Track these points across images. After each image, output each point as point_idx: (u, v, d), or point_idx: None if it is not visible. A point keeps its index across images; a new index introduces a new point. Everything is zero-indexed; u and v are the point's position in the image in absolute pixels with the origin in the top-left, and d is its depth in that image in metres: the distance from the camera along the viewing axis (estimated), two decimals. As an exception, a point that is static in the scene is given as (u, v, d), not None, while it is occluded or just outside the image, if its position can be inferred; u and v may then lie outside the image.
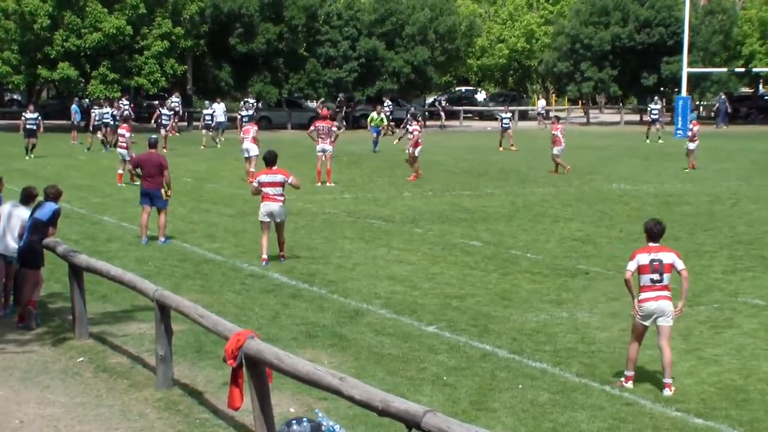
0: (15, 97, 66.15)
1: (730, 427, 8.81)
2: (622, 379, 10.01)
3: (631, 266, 9.91)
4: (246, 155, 27.58)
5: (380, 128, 40.35)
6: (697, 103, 61.72)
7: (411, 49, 58.31)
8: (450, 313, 12.81)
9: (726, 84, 62.92)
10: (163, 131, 38.61)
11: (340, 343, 11.33)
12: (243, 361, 7.83)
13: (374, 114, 40.19)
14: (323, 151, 27.30)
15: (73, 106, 43.77)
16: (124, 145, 26.97)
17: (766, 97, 71.08)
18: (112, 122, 39.25)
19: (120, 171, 26.77)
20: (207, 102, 48.23)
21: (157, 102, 54.34)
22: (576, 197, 25.14)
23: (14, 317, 12.31)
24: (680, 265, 10.01)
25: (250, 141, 27.48)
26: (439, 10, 60.46)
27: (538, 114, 63.23)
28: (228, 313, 11.91)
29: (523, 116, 66.81)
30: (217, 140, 43.22)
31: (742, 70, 62.77)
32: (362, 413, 8.06)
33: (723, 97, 61.45)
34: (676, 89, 59.76)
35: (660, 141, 45.20)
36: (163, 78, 50.39)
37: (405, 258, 16.53)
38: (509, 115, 43.99)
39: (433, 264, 16.07)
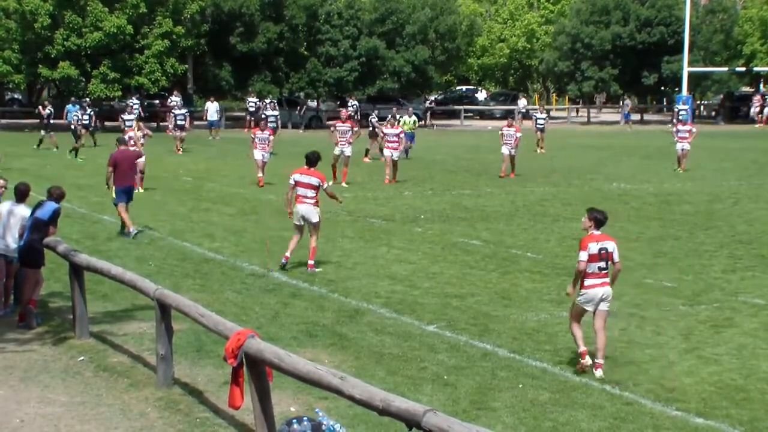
0: (16, 96, 66.18)
1: (730, 426, 8.81)
2: (580, 356, 10.38)
3: (584, 256, 10.33)
4: (265, 160, 26.58)
5: (413, 133, 36.82)
6: (698, 102, 61.72)
7: (411, 49, 58.32)
8: (450, 312, 12.81)
9: (727, 83, 62.94)
10: (179, 132, 37.75)
11: (340, 342, 11.33)
12: (243, 360, 7.84)
13: (405, 117, 36.89)
14: (342, 152, 27.17)
15: (68, 106, 43.63)
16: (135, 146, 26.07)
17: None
18: (89, 123, 38.76)
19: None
20: (177, 100, 47.03)
21: (158, 101, 54.47)
22: (576, 196, 25.14)
23: (15, 316, 12.32)
24: (617, 256, 10.46)
25: (269, 147, 26.82)
26: (440, 10, 60.49)
27: (518, 113, 62.34)
28: (228, 313, 11.90)
29: (524, 115, 66.67)
30: (212, 137, 43.28)
31: (743, 69, 62.77)
32: (363, 412, 8.06)
33: (688, 96, 61.75)
34: (677, 88, 59.78)
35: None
36: (164, 77, 50.39)
37: (405, 257, 16.53)
38: (544, 115, 42.05)
39: (433, 263, 16.07)
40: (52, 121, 38.96)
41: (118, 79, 49.38)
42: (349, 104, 51.16)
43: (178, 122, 38.38)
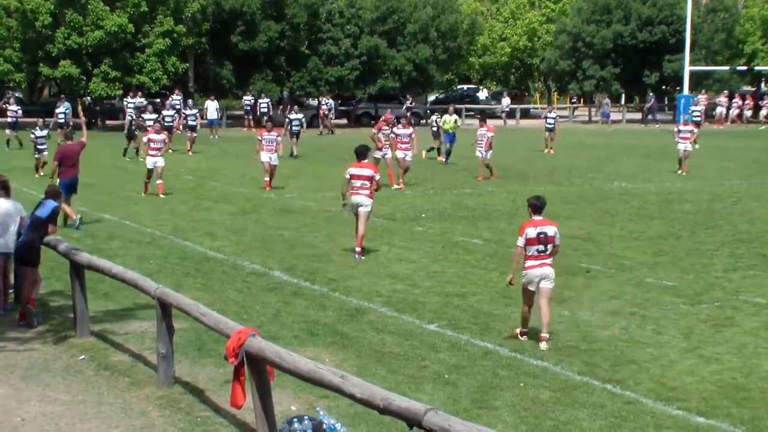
0: (17, 95, 66.17)
1: (731, 425, 8.80)
2: (518, 332, 11.41)
3: (521, 242, 11.21)
4: (273, 162, 25.56)
5: (454, 134, 34.01)
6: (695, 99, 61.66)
7: (413, 47, 58.30)
8: (451, 311, 12.81)
9: (728, 82, 62.91)
10: (190, 133, 37.03)
11: (341, 341, 11.33)
12: (244, 359, 7.83)
13: (447, 116, 33.90)
14: (383, 156, 26.55)
15: (65, 104, 43.61)
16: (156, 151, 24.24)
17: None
18: (63, 122, 38.64)
19: (159, 181, 24.04)
20: (178, 99, 46.05)
21: (158, 100, 54.32)
22: (577, 195, 25.13)
23: (15, 315, 12.32)
24: (558, 240, 11.32)
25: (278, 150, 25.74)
26: (441, 8, 60.47)
27: (502, 112, 61.99)
28: (229, 311, 11.90)
29: (525, 114, 66.70)
30: (213, 136, 43.25)
31: (744, 68, 62.74)
32: (363, 411, 8.06)
33: (652, 96, 61.79)
34: (678, 88, 59.76)
35: (696, 146, 40.12)
36: (165, 76, 50.41)
37: (406, 256, 16.52)
38: (554, 115, 40.36)
39: (434, 262, 16.07)
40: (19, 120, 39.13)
41: (119, 77, 49.39)
42: (323, 103, 51.03)
43: (190, 122, 37.53)
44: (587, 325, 12.14)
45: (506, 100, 62.81)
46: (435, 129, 36.35)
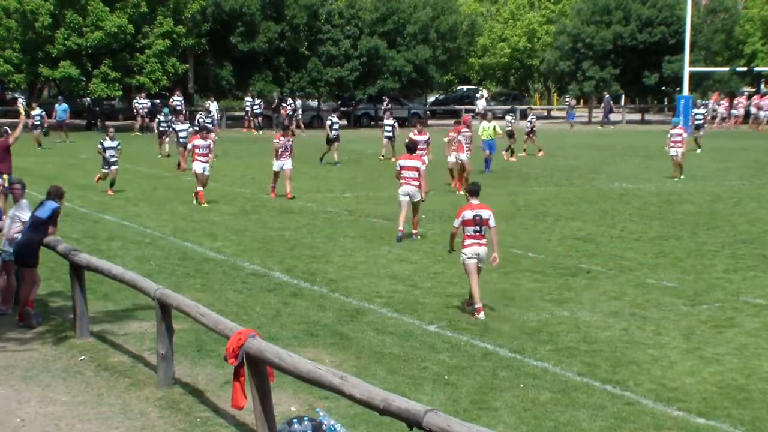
0: (17, 95, 66.18)
1: (731, 426, 8.79)
2: (475, 311, 12.35)
3: (457, 223, 12.58)
4: (288, 167, 24.22)
5: (494, 141, 31.00)
6: (700, 100, 61.67)
7: (412, 48, 58.29)
8: (451, 312, 12.80)
9: (728, 83, 62.93)
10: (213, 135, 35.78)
11: (341, 341, 11.32)
12: (244, 360, 7.83)
13: (485, 123, 31.03)
14: (457, 159, 25.79)
15: (57, 105, 43.73)
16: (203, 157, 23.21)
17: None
18: (39, 122, 38.76)
19: (200, 188, 22.90)
20: (179, 100, 45.69)
21: (158, 101, 54.27)
22: (577, 196, 25.13)
23: (16, 316, 12.32)
24: (493, 222, 12.56)
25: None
26: (441, 9, 60.47)
27: (478, 114, 61.55)
28: (229, 312, 11.90)
29: (524, 116, 66.63)
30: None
31: (744, 69, 62.75)
32: (363, 412, 8.05)
33: (608, 96, 61.71)
34: (678, 88, 59.78)
35: (698, 151, 38.86)
36: (165, 77, 50.40)
37: (406, 257, 16.51)
38: (512, 117, 40.03)
39: (435, 263, 16.06)
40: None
41: (119, 78, 49.39)
42: (288, 103, 50.61)
43: (206, 125, 35.84)
44: (587, 326, 12.13)
45: (482, 102, 62.56)
46: (509, 129, 36.75)
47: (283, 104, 50.93)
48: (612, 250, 17.37)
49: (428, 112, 64.93)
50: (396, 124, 36.10)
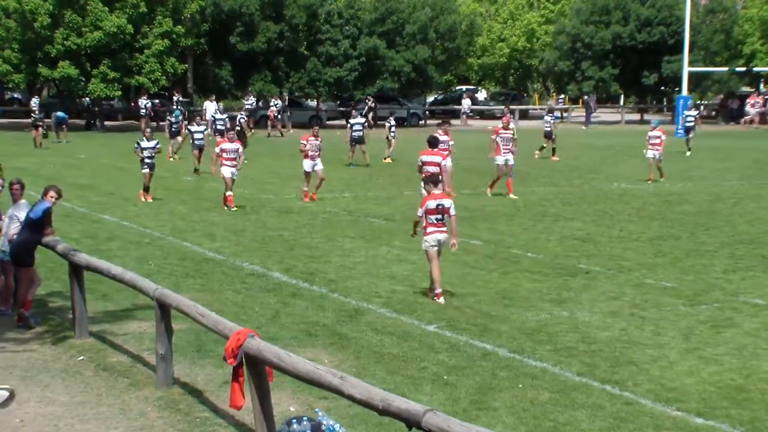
0: (16, 95, 66.19)
1: (730, 426, 8.79)
2: (435, 296, 13.17)
3: (420, 212, 13.48)
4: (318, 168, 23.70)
5: None
6: (698, 102, 61.69)
7: (411, 48, 58.30)
8: (450, 312, 12.80)
9: (727, 83, 62.94)
10: (219, 138, 33.60)
11: (340, 342, 11.32)
12: (243, 360, 7.83)
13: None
14: (506, 162, 24.83)
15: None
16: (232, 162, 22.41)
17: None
18: (38, 117, 38.69)
19: (229, 193, 22.22)
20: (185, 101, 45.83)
21: (158, 101, 54.27)
22: (577, 196, 25.14)
23: (14, 316, 12.32)
24: (453, 211, 13.41)
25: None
26: (440, 9, 60.48)
27: (463, 113, 60.78)
28: (228, 312, 11.89)
29: (524, 115, 66.67)
30: (212, 137, 43.02)
31: (743, 69, 62.76)
32: (362, 412, 8.05)
33: (588, 97, 61.55)
34: (677, 88, 59.81)
35: (687, 153, 38.18)
36: (164, 77, 50.36)
37: (405, 257, 16.51)
38: (552, 118, 38.27)
39: (434, 263, 16.04)
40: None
41: (118, 78, 49.36)
42: (271, 104, 50.04)
43: (218, 127, 35.78)
44: (586, 326, 12.13)
45: (467, 102, 62.41)
46: (548, 129, 36.52)
47: (270, 105, 50.03)
48: (611, 250, 17.37)
49: (427, 112, 64.93)
50: (228, 118, 36.08)
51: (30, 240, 12.08)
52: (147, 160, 23.17)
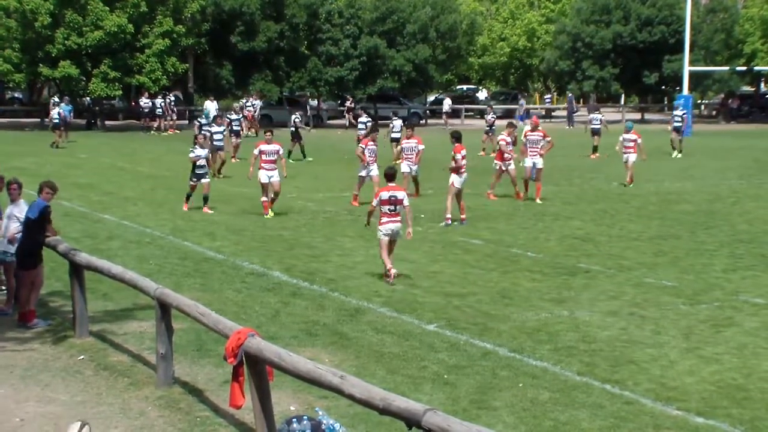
0: (16, 95, 66.22)
1: (730, 425, 8.79)
2: (388, 278, 14.12)
3: (375, 202, 14.35)
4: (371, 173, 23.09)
5: None
6: (699, 101, 61.71)
7: (412, 48, 58.33)
8: (450, 311, 12.80)
9: (728, 83, 62.96)
10: (234, 139, 34.07)
11: (340, 341, 11.33)
12: (243, 359, 7.83)
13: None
14: (534, 165, 24.21)
15: (63, 105, 43.59)
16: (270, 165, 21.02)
17: (767, 96, 71.08)
18: (59, 122, 38.90)
19: (264, 199, 21.10)
20: (210, 105, 44.56)
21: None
22: (576, 195, 25.14)
23: (15, 316, 12.33)
24: (407, 202, 14.37)
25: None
26: (440, 9, 60.51)
27: (444, 113, 60.39)
28: (228, 312, 11.90)
29: (449, 115, 66.37)
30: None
31: (744, 68, 62.78)
32: (363, 412, 8.06)
33: (571, 96, 61.49)
34: (678, 88, 59.84)
35: (679, 155, 38.00)
36: (165, 76, 50.40)
37: (405, 256, 16.50)
38: (600, 116, 38.38)
39: (434, 262, 16.06)
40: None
41: (119, 78, 49.39)
42: (248, 104, 47.92)
43: (234, 128, 35.07)
44: (586, 326, 12.14)
45: (447, 101, 62.22)
46: (596, 127, 36.70)
47: (246, 107, 47.79)
48: (611, 249, 17.37)
49: (427, 111, 64.93)
50: (241, 119, 36.37)
51: (30, 242, 12.06)
52: (197, 171, 21.47)
